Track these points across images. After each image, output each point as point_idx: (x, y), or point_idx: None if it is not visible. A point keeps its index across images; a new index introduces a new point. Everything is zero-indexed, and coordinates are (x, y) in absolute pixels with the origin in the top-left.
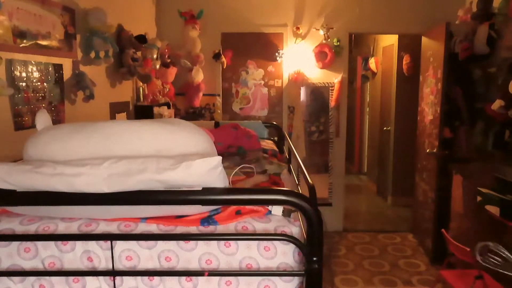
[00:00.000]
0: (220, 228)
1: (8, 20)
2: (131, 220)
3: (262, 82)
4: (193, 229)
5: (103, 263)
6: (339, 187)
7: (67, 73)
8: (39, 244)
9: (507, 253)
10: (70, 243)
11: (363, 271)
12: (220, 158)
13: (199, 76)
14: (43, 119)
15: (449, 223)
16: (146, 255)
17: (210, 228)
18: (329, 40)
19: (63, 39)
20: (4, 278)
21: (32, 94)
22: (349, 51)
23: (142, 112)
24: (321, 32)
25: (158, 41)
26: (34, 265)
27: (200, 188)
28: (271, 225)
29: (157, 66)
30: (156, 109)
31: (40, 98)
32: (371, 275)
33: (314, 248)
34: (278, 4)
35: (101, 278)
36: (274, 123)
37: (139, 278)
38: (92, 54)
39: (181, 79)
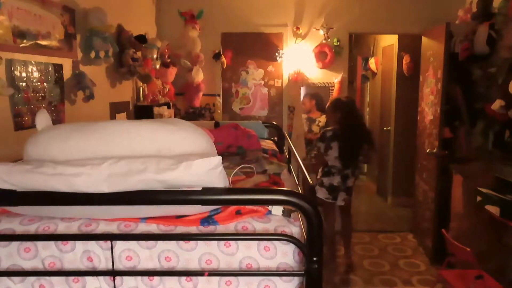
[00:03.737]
0: (220, 228)
1: (8, 20)
2: (131, 220)
3: (262, 82)
4: (193, 229)
5: (103, 263)
6: None
7: (67, 73)
8: (39, 244)
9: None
10: (70, 243)
11: (363, 271)
12: (220, 158)
13: (199, 76)
14: (43, 119)
15: (449, 223)
16: (146, 255)
17: (210, 228)
18: (329, 40)
19: (63, 39)
20: (4, 278)
21: (32, 94)
22: (349, 51)
23: (142, 112)
24: (321, 32)
25: (158, 41)
26: (34, 265)
27: (200, 188)
28: (271, 225)
29: (157, 66)
30: (156, 109)
31: (40, 98)
32: (371, 275)
33: (314, 248)
34: (278, 4)
35: (101, 278)
36: (274, 123)
37: (139, 278)
38: (92, 54)
39: (181, 79)
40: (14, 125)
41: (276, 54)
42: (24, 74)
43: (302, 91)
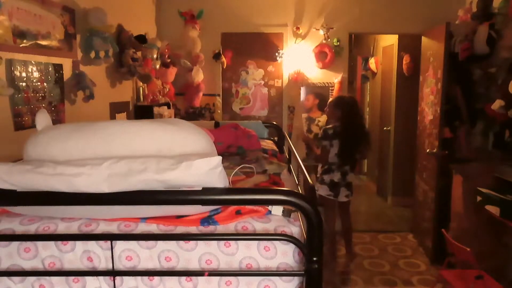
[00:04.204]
0: (220, 228)
1: (8, 20)
2: (131, 220)
3: (262, 82)
4: (193, 229)
5: (103, 263)
6: None
7: (67, 73)
8: (39, 244)
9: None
10: (70, 243)
11: (363, 271)
12: (220, 158)
13: (199, 76)
14: (43, 119)
15: (449, 223)
16: (146, 255)
17: (210, 228)
18: (329, 40)
19: (63, 39)
20: (4, 278)
21: (32, 94)
22: (349, 51)
23: (142, 112)
24: (321, 32)
25: (158, 41)
26: (34, 265)
27: (200, 188)
28: (271, 225)
29: (157, 66)
30: (156, 109)
31: (40, 98)
32: (371, 275)
33: (314, 248)
34: (278, 4)
35: (101, 278)
36: (274, 123)
37: (139, 278)
38: (92, 54)
39: (181, 79)
40: (14, 125)
41: (276, 54)
42: (24, 74)
43: (302, 91)
